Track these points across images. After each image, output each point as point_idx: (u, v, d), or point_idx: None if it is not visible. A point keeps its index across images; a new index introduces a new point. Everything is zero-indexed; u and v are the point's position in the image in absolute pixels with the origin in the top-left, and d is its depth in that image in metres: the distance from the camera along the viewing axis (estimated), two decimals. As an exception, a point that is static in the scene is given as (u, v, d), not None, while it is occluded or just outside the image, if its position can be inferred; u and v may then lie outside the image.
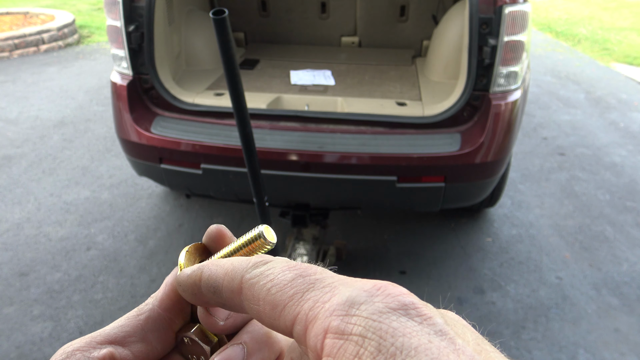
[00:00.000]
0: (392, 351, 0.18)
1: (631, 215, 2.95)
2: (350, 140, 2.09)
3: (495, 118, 2.05)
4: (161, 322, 0.31)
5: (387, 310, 0.20)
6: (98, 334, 0.29)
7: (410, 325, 0.20)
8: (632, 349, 2.05)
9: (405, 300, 0.21)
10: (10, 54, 6.26)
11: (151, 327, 0.30)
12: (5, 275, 2.46)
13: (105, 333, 0.29)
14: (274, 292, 0.23)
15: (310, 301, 0.22)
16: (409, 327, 0.19)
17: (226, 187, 2.24)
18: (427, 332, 0.19)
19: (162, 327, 0.31)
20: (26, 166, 3.52)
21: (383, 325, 0.19)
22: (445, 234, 2.82)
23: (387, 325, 0.19)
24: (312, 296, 0.22)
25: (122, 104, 2.24)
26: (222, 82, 2.66)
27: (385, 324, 0.19)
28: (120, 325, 0.30)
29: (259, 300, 0.24)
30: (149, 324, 0.30)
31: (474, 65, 2.02)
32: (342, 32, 3.57)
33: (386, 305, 0.20)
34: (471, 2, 1.97)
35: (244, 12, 3.52)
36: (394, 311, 0.20)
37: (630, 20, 8.67)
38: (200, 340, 0.30)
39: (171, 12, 2.50)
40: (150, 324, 0.30)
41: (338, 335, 0.20)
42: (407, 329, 0.19)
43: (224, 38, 1.17)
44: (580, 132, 4.14)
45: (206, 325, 0.30)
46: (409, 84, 2.73)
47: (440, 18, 3.07)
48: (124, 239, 2.74)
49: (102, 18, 8.20)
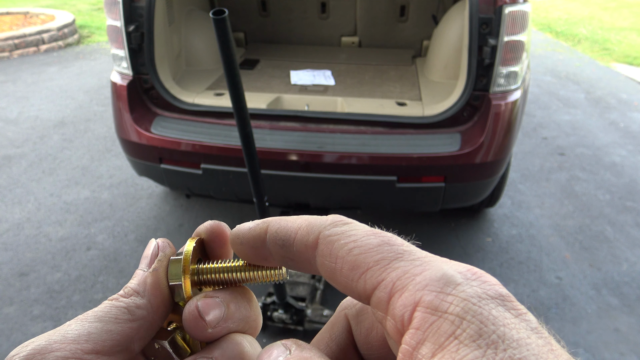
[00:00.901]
0: (493, 339, 0.18)
1: (631, 215, 2.95)
2: (350, 140, 2.09)
3: (495, 118, 2.05)
4: (152, 331, 0.28)
5: (485, 297, 0.20)
6: (85, 340, 0.25)
7: (508, 316, 0.19)
8: (632, 349, 2.05)
9: (502, 291, 0.21)
10: (10, 54, 6.26)
11: (140, 337, 0.27)
12: (5, 275, 2.46)
13: (93, 340, 0.26)
14: (356, 254, 0.23)
15: (399, 270, 0.22)
16: (508, 318, 0.19)
17: (226, 187, 2.24)
18: (524, 327, 0.19)
19: (150, 335, 0.28)
20: (26, 166, 3.52)
21: (483, 311, 0.19)
22: (445, 234, 2.82)
23: (487, 312, 0.19)
24: (400, 266, 0.22)
25: (122, 104, 2.24)
26: (222, 82, 2.66)
27: (486, 310, 0.19)
28: (109, 331, 0.26)
29: (336, 258, 0.23)
30: (139, 332, 0.27)
31: (474, 65, 2.02)
32: (342, 32, 3.57)
33: (484, 291, 0.20)
34: (471, 2, 1.97)
35: (244, 12, 3.52)
36: (492, 299, 0.20)
37: (630, 20, 8.67)
38: (173, 351, 0.28)
39: (171, 12, 2.50)
40: (141, 333, 0.27)
41: (431, 310, 0.20)
42: (507, 320, 0.19)
43: (224, 38, 1.17)
44: (580, 132, 4.14)
45: (193, 328, 0.28)
46: (409, 84, 2.73)
47: (440, 18, 3.07)
48: (124, 239, 2.74)
49: (102, 18, 8.20)
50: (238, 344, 0.28)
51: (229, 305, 0.29)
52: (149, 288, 0.28)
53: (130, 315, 0.27)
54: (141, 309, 0.28)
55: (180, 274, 0.28)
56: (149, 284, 0.28)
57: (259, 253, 0.27)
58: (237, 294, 0.30)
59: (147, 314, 0.28)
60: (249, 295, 0.30)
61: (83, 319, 0.26)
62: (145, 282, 0.28)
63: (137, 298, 0.28)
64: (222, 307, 0.28)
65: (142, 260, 0.30)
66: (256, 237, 0.27)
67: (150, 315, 0.28)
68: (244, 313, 0.29)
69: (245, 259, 0.28)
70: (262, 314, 2.02)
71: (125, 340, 0.26)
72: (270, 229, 0.27)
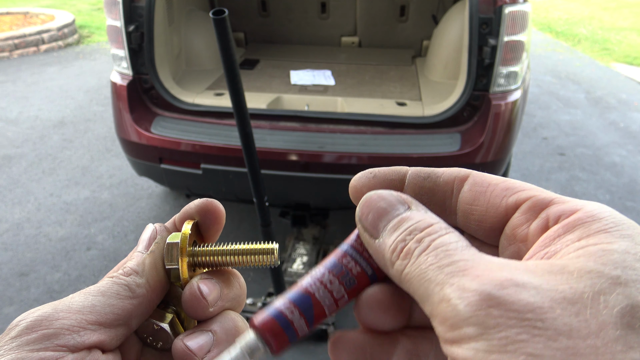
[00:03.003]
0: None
1: (631, 215, 2.95)
2: (350, 140, 2.09)
3: (495, 118, 2.05)
4: (149, 309, 0.30)
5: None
6: (89, 311, 0.27)
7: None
8: (632, 349, 2.05)
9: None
10: (10, 54, 6.26)
11: (139, 313, 0.29)
12: (5, 275, 2.46)
13: (97, 311, 0.27)
14: (510, 182, 0.26)
15: (555, 196, 0.24)
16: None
17: (226, 187, 2.24)
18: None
19: (147, 313, 0.30)
20: (26, 166, 3.52)
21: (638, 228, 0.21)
22: (445, 234, 2.82)
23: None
24: (554, 196, 0.24)
25: (122, 104, 2.24)
26: (222, 82, 2.66)
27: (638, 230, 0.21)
28: (112, 305, 0.28)
29: (488, 184, 0.25)
30: (139, 309, 0.29)
31: (474, 65, 2.02)
32: (342, 32, 3.57)
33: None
34: (471, 2, 1.97)
35: (244, 12, 3.52)
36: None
37: (630, 20, 8.67)
38: (171, 331, 0.30)
39: (171, 12, 2.50)
40: (141, 310, 0.29)
41: (589, 215, 0.22)
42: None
43: (224, 38, 1.17)
44: (580, 132, 4.14)
45: (195, 308, 0.29)
46: (409, 84, 2.73)
47: (440, 18, 3.07)
48: (124, 239, 2.74)
49: (102, 18, 8.20)
50: (232, 319, 0.31)
51: (223, 286, 0.31)
52: (147, 269, 0.30)
53: (130, 293, 0.29)
54: (141, 287, 0.29)
55: (177, 258, 0.30)
56: (147, 264, 0.30)
57: (391, 183, 0.28)
58: (229, 275, 0.32)
59: (146, 292, 0.29)
60: (237, 276, 0.33)
61: (87, 292, 0.28)
62: (143, 263, 0.30)
63: (137, 277, 0.29)
64: (218, 287, 0.30)
65: (140, 243, 0.32)
66: (396, 171, 0.28)
67: (148, 294, 0.29)
68: (236, 292, 0.32)
69: (369, 189, 0.28)
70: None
71: (125, 315, 0.28)
72: (410, 169, 0.28)
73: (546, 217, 0.23)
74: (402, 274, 0.22)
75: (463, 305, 0.19)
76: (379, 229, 0.25)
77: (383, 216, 0.25)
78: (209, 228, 0.33)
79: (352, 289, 0.26)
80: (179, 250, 0.30)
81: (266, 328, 0.25)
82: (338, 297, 0.26)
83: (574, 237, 0.21)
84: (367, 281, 0.26)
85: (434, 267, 0.21)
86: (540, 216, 0.23)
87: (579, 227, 0.21)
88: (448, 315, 0.19)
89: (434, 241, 0.22)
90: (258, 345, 0.25)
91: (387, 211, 0.25)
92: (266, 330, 0.25)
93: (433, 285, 0.20)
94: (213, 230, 0.33)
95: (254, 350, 0.25)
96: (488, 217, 0.25)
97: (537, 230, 0.23)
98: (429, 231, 0.23)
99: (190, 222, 0.31)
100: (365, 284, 0.26)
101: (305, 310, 0.25)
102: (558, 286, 0.19)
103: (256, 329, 0.25)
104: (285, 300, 0.25)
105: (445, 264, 0.21)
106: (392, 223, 0.24)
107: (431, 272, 0.21)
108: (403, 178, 0.28)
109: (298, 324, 0.25)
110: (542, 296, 0.18)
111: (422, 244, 0.22)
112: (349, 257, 0.26)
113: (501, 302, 0.18)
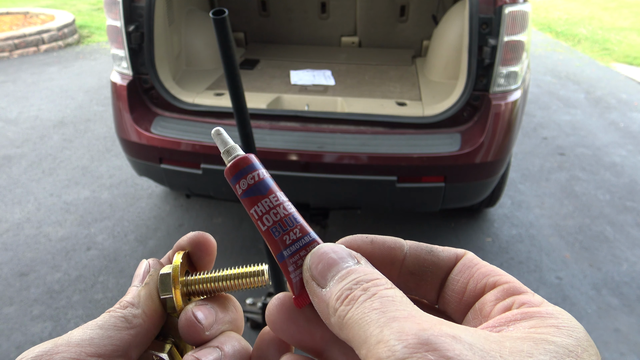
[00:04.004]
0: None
1: (631, 215, 2.95)
2: (350, 140, 2.09)
3: (495, 118, 2.05)
4: (147, 339, 0.30)
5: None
6: (88, 344, 0.27)
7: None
8: (632, 349, 2.05)
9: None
10: (10, 54, 6.26)
11: (137, 343, 0.30)
12: (5, 275, 2.46)
13: (95, 344, 0.28)
14: (490, 267, 0.28)
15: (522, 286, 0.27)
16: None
17: (226, 187, 2.24)
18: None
19: (146, 343, 0.30)
20: (26, 166, 3.52)
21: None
22: (445, 234, 2.82)
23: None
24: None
25: (122, 104, 2.24)
26: (222, 82, 2.66)
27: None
28: (110, 337, 0.28)
29: (478, 265, 0.28)
30: (137, 339, 0.29)
31: (474, 65, 2.02)
32: (342, 32, 3.57)
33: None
34: (471, 2, 1.97)
35: (244, 12, 3.52)
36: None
37: (630, 20, 8.67)
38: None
39: (171, 12, 2.50)
40: (138, 340, 0.30)
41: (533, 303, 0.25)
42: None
43: (224, 38, 1.17)
44: (580, 132, 4.14)
45: (191, 333, 0.30)
46: (409, 84, 2.73)
47: (440, 18, 3.07)
48: (124, 239, 2.74)
49: (102, 18, 8.20)
50: (234, 337, 0.32)
51: (218, 310, 0.32)
52: (143, 299, 0.31)
53: (128, 324, 0.29)
54: (137, 318, 0.30)
55: (170, 287, 0.31)
56: (143, 295, 0.31)
57: (390, 252, 0.29)
58: (223, 300, 0.33)
59: (143, 322, 0.30)
60: (232, 300, 0.34)
61: (85, 327, 0.29)
62: (139, 295, 0.31)
63: (133, 309, 0.30)
64: (213, 311, 0.31)
65: (135, 278, 0.33)
66: (395, 241, 0.29)
67: (146, 324, 0.30)
68: (232, 315, 0.33)
69: (366, 256, 0.28)
70: (263, 313, 2.02)
71: (124, 346, 0.29)
72: (410, 241, 0.30)
73: (512, 301, 0.25)
74: (344, 319, 0.23)
75: (400, 347, 0.19)
76: (327, 279, 0.25)
77: (332, 267, 0.26)
78: (200, 259, 0.34)
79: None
80: (172, 280, 0.31)
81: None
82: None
83: (527, 325, 0.23)
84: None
85: (377, 311, 0.22)
86: (508, 299, 0.25)
87: (536, 318, 0.23)
88: (383, 356, 0.20)
89: (380, 292, 0.23)
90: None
91: (337, 262, 0.26)
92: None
93: (373, 328, 0.21)
94: (205, 261, 0.34)
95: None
96: (467, 290, 0.27)
97: (500, 309, 0.25)
98: (376, 282, 0.24)
99: (180, 253, 0.32)
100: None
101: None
102: (490, 352, 0.20)
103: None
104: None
105: (389, 309, 0.22)
106: (341, 274, 0.25)
107: (374, 315, 0.22)
108: (401, 247, 0.29)
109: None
110: (474, 353, 0.19)
111: (368, 292, 0.23)
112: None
113: (438, 348, 0.19)
